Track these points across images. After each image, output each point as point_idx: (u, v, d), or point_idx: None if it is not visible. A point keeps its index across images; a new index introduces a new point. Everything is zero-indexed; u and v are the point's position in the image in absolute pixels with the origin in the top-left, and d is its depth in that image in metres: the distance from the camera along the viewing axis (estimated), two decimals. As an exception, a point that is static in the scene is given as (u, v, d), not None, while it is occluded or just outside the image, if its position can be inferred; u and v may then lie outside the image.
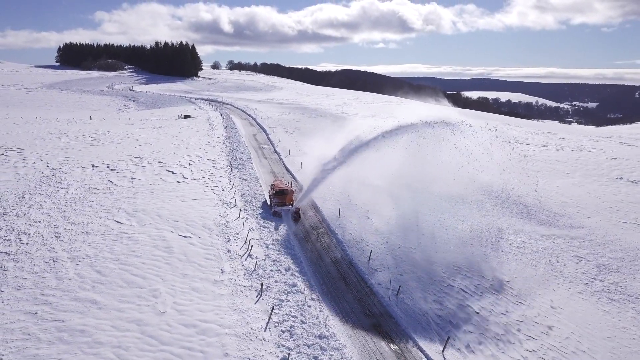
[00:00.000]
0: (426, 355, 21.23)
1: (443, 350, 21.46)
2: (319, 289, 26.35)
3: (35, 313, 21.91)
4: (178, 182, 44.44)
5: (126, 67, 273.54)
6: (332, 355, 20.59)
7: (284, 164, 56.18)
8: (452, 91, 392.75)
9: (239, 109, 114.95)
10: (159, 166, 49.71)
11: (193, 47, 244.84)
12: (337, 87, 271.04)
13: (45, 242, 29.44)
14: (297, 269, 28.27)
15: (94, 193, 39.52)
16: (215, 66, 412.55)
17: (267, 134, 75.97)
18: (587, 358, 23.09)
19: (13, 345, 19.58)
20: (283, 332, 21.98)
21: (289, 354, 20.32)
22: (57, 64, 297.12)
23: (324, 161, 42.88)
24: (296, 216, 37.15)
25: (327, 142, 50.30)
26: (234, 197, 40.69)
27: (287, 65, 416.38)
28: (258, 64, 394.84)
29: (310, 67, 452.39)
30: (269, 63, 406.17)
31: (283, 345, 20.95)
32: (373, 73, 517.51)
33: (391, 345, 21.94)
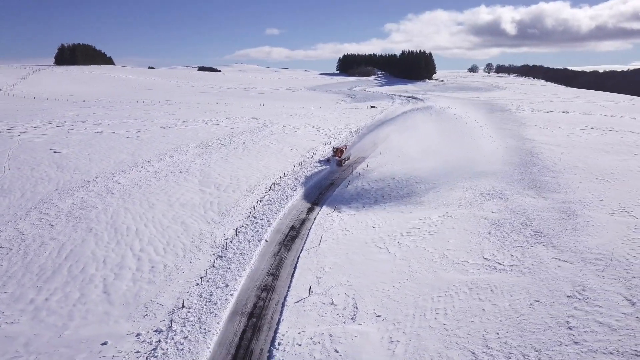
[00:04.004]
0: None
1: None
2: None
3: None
4: (318, 132, 70.54)
5: (378, 72, 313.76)
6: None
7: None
8: None
9: (421, 101, 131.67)
10: (314, 128, 76.85)
11: (430, 54, 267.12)
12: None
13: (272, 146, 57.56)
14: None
15: (282, 133, 67.74)
16: (473, 69, 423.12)
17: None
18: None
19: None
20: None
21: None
22: (336, 71, 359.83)
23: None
24: (340, 163, 55.77)
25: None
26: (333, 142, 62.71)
27: (573, 68, 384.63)
28: (544, 66, 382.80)
29: (612, 68, 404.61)
30: (534, 65, 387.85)
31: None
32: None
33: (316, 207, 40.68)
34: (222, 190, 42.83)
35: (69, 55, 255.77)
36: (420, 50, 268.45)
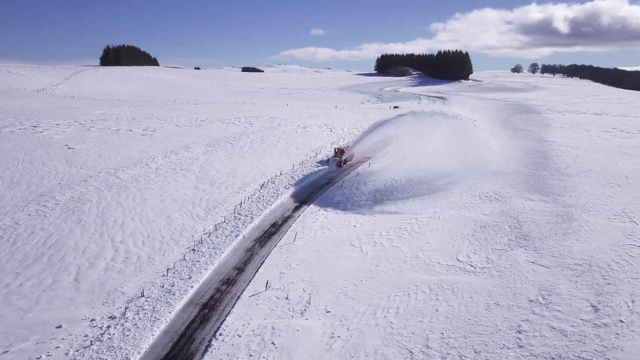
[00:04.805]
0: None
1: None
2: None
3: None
4: (330, 132, 72.46)
5: (414, 72, 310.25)
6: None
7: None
8: None
9: (445, 102, 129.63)
10: (328, 128, 78.19)
11: (466, 54, 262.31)
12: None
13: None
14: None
15: (294, 132, 69.97)
16: (516, 69, 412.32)
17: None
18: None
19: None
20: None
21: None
22: (374, 71, 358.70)
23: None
24: (340, 164, 55.76)
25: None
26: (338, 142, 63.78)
27: (625, 69, 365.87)
28: (594, 65, 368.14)
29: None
30: (583, 64, 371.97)
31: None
32: None
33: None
34: (216, 187, 44.03)
35: (114, 57, 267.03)
36: (456, 50, 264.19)
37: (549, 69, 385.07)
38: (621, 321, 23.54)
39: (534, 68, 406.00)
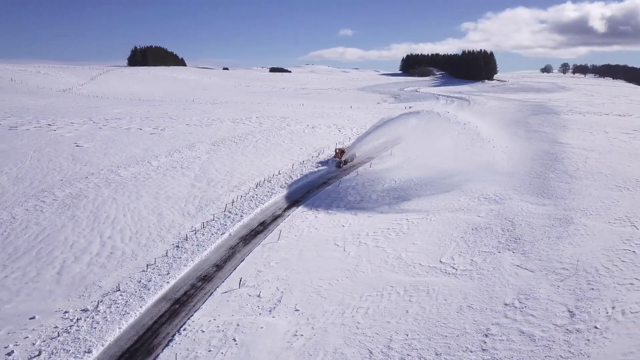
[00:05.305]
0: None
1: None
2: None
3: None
4: (338, 132, 72.64)
5: (437, 73, 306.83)
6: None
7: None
8: None
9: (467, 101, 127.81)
10: (336, 128, 78.55)
11: (491, 54, 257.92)
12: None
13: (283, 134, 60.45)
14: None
15: (301, 132, 70.68)
16: (546, 70, 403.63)
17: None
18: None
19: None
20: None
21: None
22: (399, 71, 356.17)
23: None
24: (340, 165, 55.42)
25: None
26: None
27: None
28: (628, 65, 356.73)
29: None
30: (617, 64, 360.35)
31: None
32: None
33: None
34: (212, 186, 44.59)
35: (141, 57, 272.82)
36: (480, 50, 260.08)
37: (581, 69, 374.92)
38: (596, 327, 22.88)
39: (564, 68, 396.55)
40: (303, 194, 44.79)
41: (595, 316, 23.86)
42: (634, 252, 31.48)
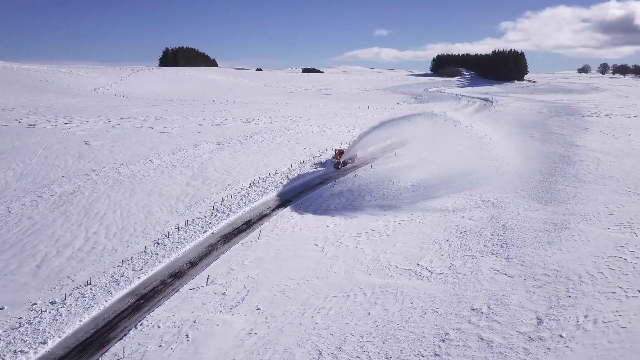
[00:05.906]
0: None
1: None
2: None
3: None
4: (347, 132, 72.24)
5: (466, 73, 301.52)
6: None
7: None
8: None
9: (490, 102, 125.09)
10: (346, 128, 78.23)
11: (521, 54, 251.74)
12: None
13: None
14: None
15: (309, 132, 71.39)
16: (584, 70, 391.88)
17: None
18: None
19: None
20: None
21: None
22: (429, 72, 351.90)
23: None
24: (338, 166, 54.77)
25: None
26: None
27: None
28: None
29: None
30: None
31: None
32: None
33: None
34: (206, 184, 45.12)
35: (172, 58, 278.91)
36: (510, 50, 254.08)
37: (621, 69, 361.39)
38: (561, 336, 22.05)
39: (603, 68, 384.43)
40: (296, 194, 44.80)
41: (564, 324, 22.98)
42: (625, 259, 30.15)
